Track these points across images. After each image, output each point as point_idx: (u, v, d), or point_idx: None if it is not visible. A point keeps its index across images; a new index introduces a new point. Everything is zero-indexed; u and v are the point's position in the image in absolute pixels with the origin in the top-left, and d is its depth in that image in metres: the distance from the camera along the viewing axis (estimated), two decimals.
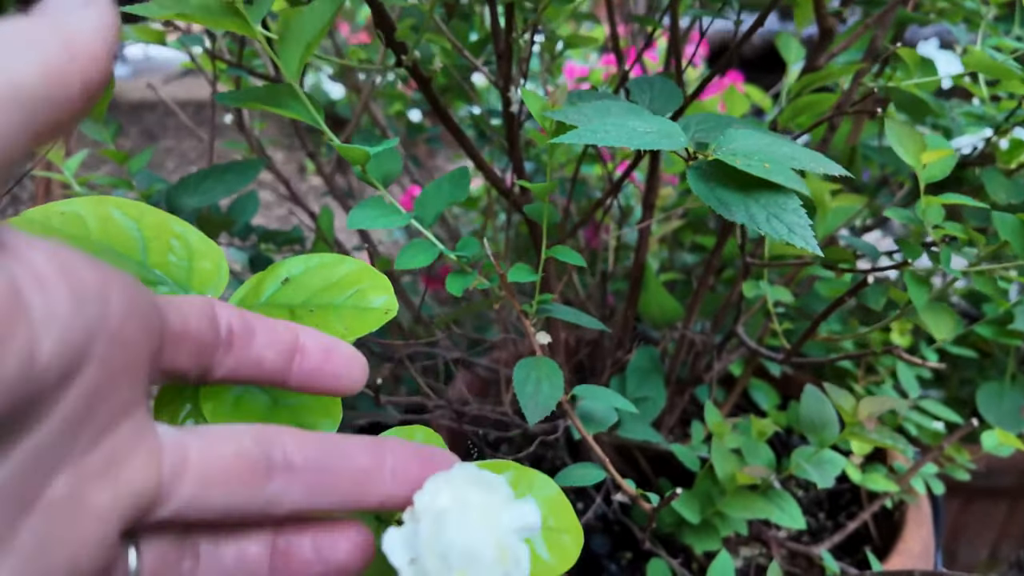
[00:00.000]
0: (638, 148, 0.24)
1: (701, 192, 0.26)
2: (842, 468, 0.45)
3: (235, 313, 0.22)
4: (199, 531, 0.20)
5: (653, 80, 0.34)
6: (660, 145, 0.24)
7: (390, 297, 0.29)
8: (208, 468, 0.19)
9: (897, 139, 0.33)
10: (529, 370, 0.34)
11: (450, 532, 0.20)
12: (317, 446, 0.21)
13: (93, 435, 0.17)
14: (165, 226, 0.31)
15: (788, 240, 0.24)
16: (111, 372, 0.17)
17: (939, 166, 0.34)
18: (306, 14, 0.31)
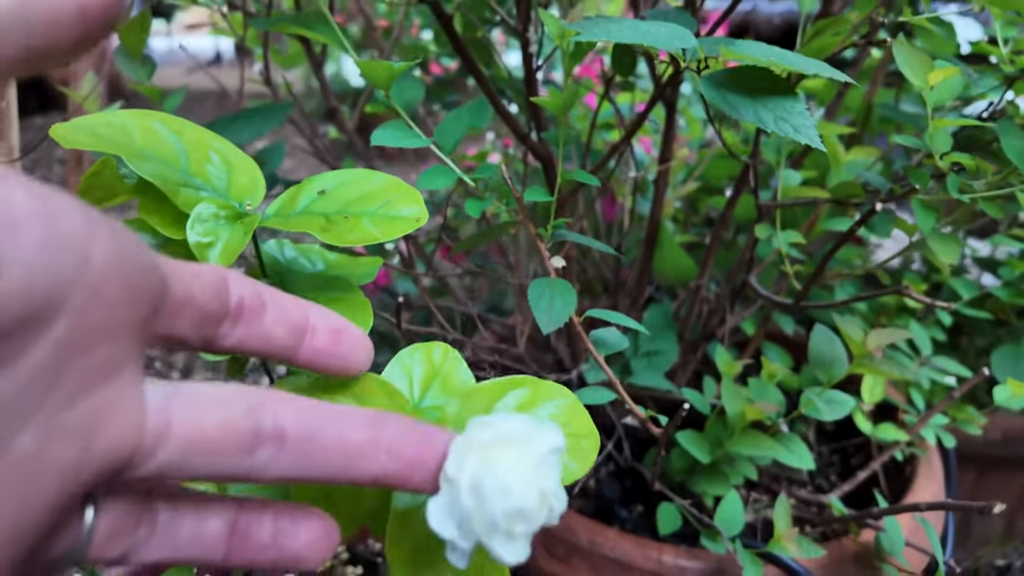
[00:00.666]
0: (651, 45, 0.25)
1: (713, 98, 0.27)
2: (850, 408, 0.46)
3: (248, 287, 0.22)
4: (159, 498, 0.20)
5: (668, 10, 0.36)
6: (672, 44, 0.26)
7: (420, 207, 0.31)
8: (192, 436, 0.19)
9: (905, 61, 0.34)
10: (543, 288, 0.35)
11: (491, 501, 0.20)
12: (311, 416, 0.20)
13: (68, 393, 0.16)
14: (205, 141, 0.33)
15: (794, 138, 0.26)
16: (89, 328, 0.16)
17: (947, 87, 0.35)
18: None
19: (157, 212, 0.30)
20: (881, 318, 0.68)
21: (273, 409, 0.20)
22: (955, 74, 0.35)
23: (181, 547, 0.20)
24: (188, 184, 0.31)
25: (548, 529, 0.55)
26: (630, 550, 0.51)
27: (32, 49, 0.16)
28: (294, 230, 0.31)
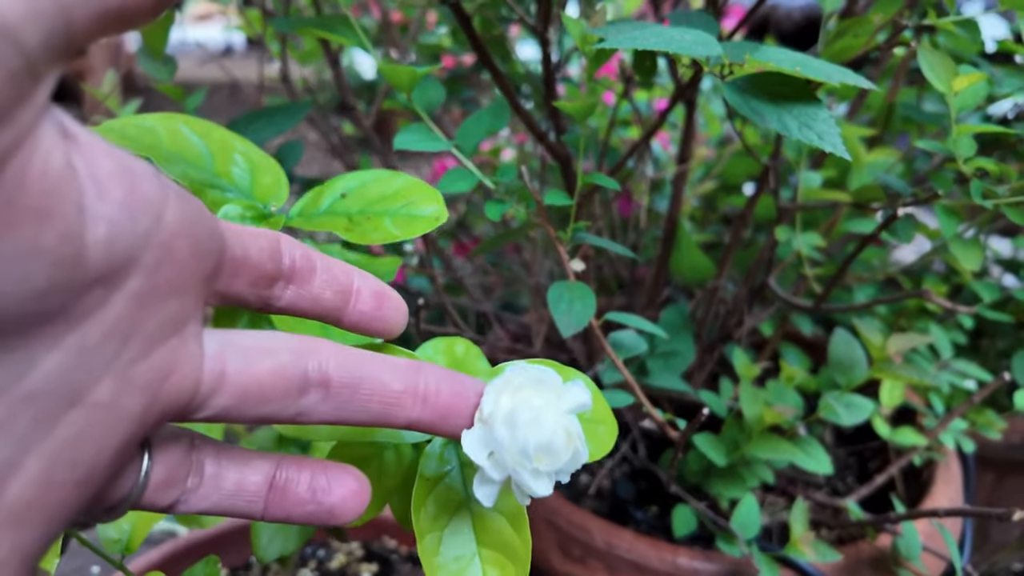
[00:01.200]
0: (675, 52, 0.25)
1: (737, 104, 0.27)
2: (869, 412, 0.46)
3: (300, 249, 0.23)
4: (206, 451, 0.21)
5: (691, 12, 0.35)
6: (696, 51, 0.26)
7: (440, 207, 0.31)
8: (245, 383, 0.20)
9: (929, 66, 0.33)
10: (563, 291, 0.35)
11: (523, 430, 0.21)
12: (355, 363, 0.22)
13: (141, 345, 0.17)
14: (229, 143, 0.33)
15: (819, 145, 0.25)
16: (160, 284, 0.17)
17: (971, 93, 0.34)
18: None
19: None
20: (901, 320, 0.68)
21: (319, 357, 0.21)
22: (979, 80, 0.34)
23: (225, 498, 0.21)
24: (214, 185, 0.31)
25: (564, 529, 0.54)
26: (646, 552, 0.51)
27: (109, 9, 0.16)
28: (318, 229, 0.31)
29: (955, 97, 0.34)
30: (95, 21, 0.16)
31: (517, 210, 0.37)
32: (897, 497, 0.61)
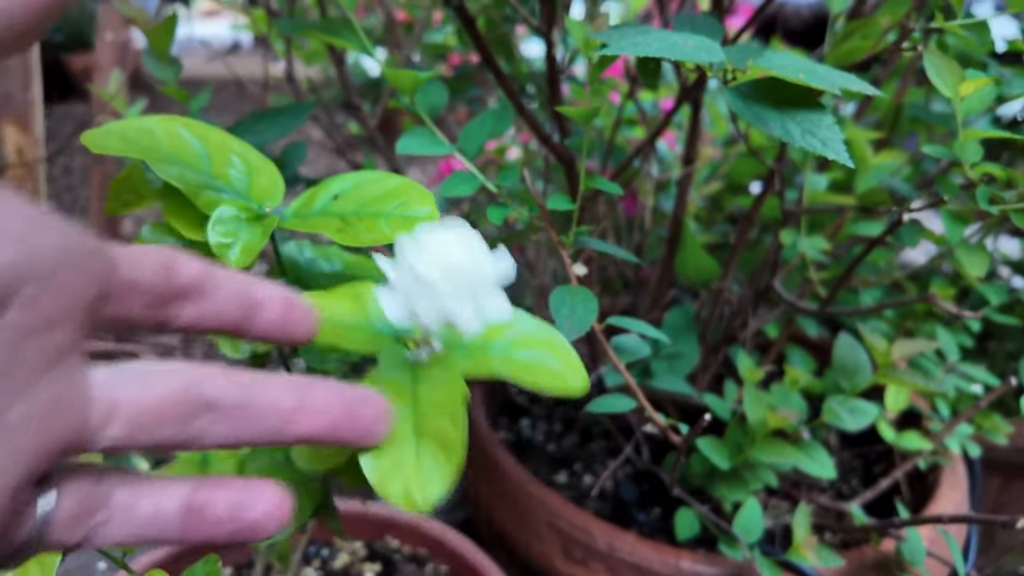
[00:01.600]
0: (678, 59, 0.25)
1: (740, 110, 0.27)
2: (873, 417, 0.45)
3: (196, 267, 0.22)
4: (115, 482, 0.21)
5: (695, 16, 0.35)
6: (699, 57, 0.25)
7: (433, 208, 0.31)
8: (137, 411, 0.20)
9: (935, 71, 0.33)
10: (565, 295, 0.35)
11: (446, 252, 0.21)
12: (246, 382, 0.22)
13: (21, 381, 0.17)
14: (227, 144, 0.33)
15: (822, 152, 0.25)
16: (40, 317, 0.17)
17: (978, 98, 0.34)
18: None
19: (181, 215, 0.31)
20: (907, 322, 0.67)
21: (210, 381, 0.21)
22: (986, 85, 0.34)
23: (140, 527, 0.21)
24: (210, 186, 0.31)
25: (566, 532, 0.54)
26: (648, 555, 0.51)
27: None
28: (311, 231, 0.31)
29: (961, 102, 0.34)
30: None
31: (520, 213, 0.37)
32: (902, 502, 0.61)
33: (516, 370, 0.24)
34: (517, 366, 0.24)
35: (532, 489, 0.56)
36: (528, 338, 0.26)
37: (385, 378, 0.24)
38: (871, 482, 0.69)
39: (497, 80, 0.43)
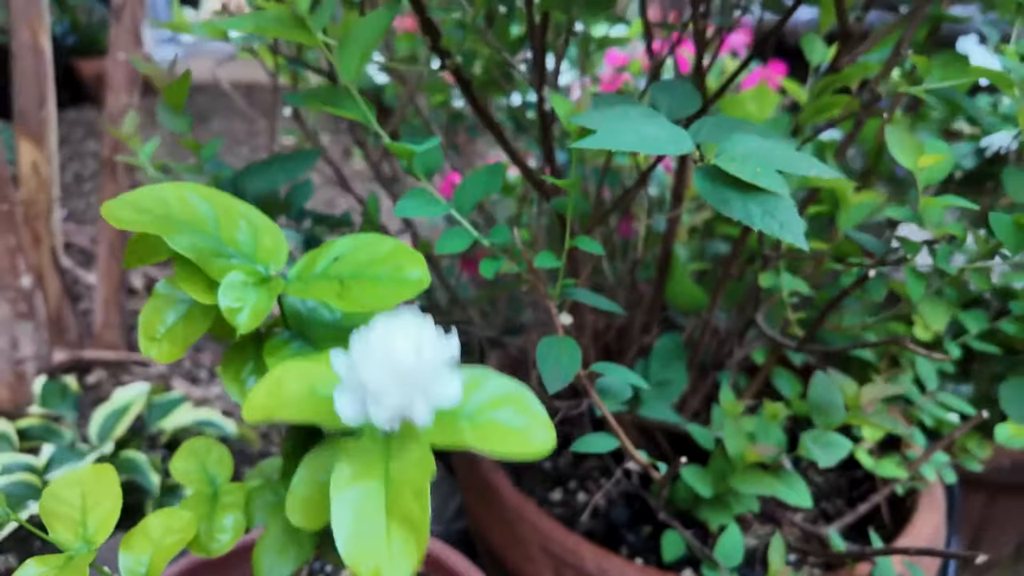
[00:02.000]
0: (650, 153, 0.27)
1: (705, 191, 0.29)
2: (848, 451, 0.48)
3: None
4: None
5: (674, 84, 0.37)
6: (668, 150, 0.28)
7: (423, 271, 0.33)
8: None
9: (896, 144, 0.35)
10: (550, 347, 0.38)
11: (392, 352, 0.23)
12: None
13: None
14: (233, 207, 0.36)
15: (779, 236, 0.27)
16: None
17: (936, 170, 0.36)
18: (364, 23, 0.35)
19: (192, 280, 0.33)
20: (892, 347, 0.69)
21: None
22: (943, 159, 0.36)
23: None
24: (220, 253, 0.33)
25: (558, 555, 0.57)
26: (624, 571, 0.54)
27: None
28: (314, 297, 0.33)
29: (921, 172, 0.36)
30: None
31: (510, 267, 0.40)
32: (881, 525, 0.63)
33: (483, 435, 0.26)
34: (484, 430, 0.26)
35: (526, 513, 0.59)
36: (495, 399, 0.28)
37: (360, 450, 0.26)
38: (856, 500, 0.71)
39: (494, 135, 0.46)
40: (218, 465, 0.43)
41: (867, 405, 0.43)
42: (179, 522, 0.37)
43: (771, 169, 0.27)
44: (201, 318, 0.35)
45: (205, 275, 0.33)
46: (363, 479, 0.24)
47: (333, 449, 0.30)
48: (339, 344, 0.33)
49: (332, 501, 0.24)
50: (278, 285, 0.33)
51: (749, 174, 0.27)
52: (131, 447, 0.97)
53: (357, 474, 0.24)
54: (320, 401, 0.27)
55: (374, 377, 0.23)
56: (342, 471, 0.24)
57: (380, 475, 0.25)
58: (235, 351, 0.38)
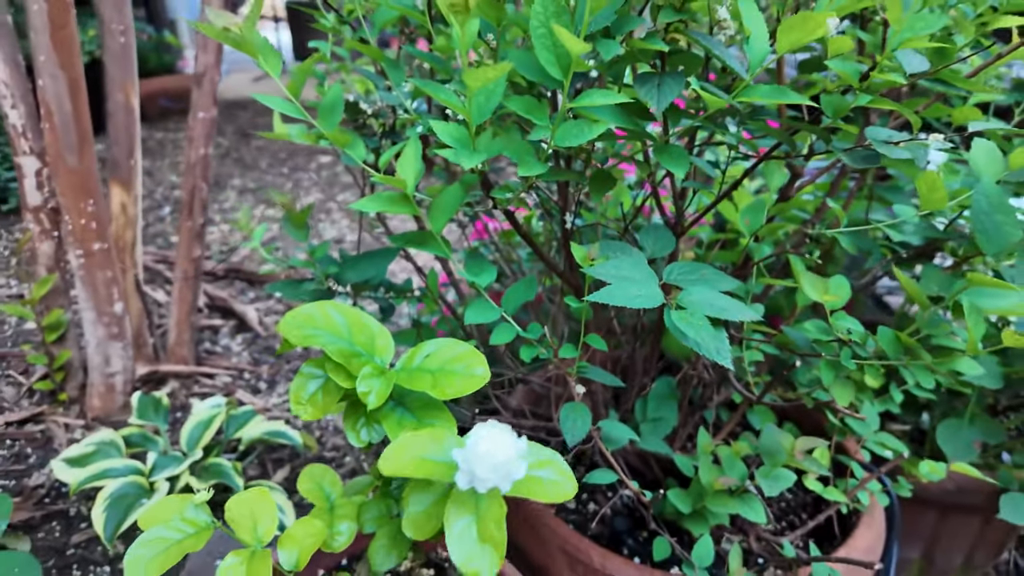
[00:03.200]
0: (635, 307, 0.43)
1: (670, 326, 0.46)
2: (792, 481, 0.64)
3: None
4: None
5: (656, 229, 0.54)
6: (646, 304, 0.44)
7: (486, 368, 0.50)
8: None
9: (808, 283, 0.51)
10: (569, 411, 0.55)
11: (491, 455, 0.39)
12: None
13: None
14: (357, 318, 0.53)
15: (715, 359, 0.44)
16: None
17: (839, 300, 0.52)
18: (447, 194, 0.52)
19: (338, 372, 0.50)
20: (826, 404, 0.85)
21: None
22: (841, 296, 0.52)
23: None
24: (354, 353, 0.51)
25: (572, 554, 0.74)
26: (631, 572, 0.70)
27: None
28: (415, 387, 0.50)
29: (828, 302, 0.52)
30: None
31: (541, 352, 0.57)
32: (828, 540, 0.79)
33: (532, 490, 0.43)
34: (533, 485, 0.43)
35: (548, 520, 0.76)
36: (539, 462, 0.45)
37: (463, 499, 0.43)
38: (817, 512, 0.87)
39: (529, 244, 0.62)
40: (331, 485, 0.60)
41: (798, 453, 0.59)
42: (314, 529, 0.55)
43: (712, 314, 0.43)
44: (335, 391, 0.53)
45: (344, 368, 0.50)
46: (464, 516, 0.42)
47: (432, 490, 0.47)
48: (430, 411, 0.51)
49: (447, 529, 0.41)
50: (392, 376, 0.50)
51: (699, 327, 0.43)
52: (213, 454, 1.15)
53: (461, 513, 0.42)
54: (426, 464, 0.45)
55: (481, 470, 0.40)
56: (454, 511, 0.42)
57: (474, 513, 0.42)
58: (351, 409, 0.55)
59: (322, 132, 0.51)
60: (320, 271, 0.66)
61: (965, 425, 0.88)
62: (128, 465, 1.07)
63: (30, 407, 1.45)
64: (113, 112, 1.37)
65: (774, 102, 0.39)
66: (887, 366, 0.63)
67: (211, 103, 1.38)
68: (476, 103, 0.40)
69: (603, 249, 0.52)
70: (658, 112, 0.43)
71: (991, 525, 1.04)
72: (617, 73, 0.48)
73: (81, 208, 1.25)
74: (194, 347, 1.59)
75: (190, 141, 1.39)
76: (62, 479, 1.08)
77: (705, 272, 0.50)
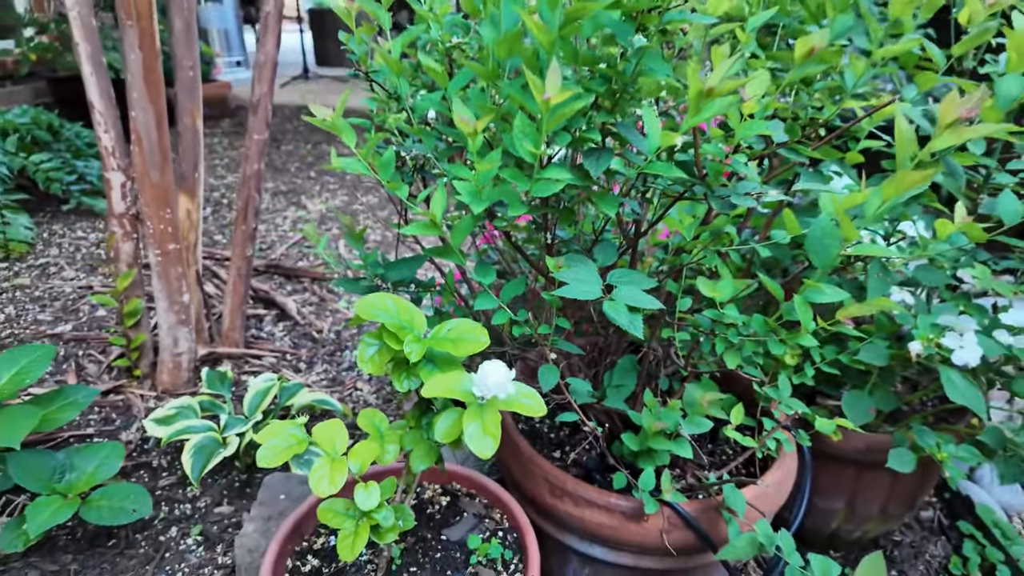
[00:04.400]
0: (584, 298, 0.68)
1: (607, 311, 0.71)
2: (708, 427, 0.89)
3: None
4: None
5: (606, 247, 0.78)
6: (590, 297, 0.69)
7: (487, 337, 0.75)
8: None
9: (702, 284, 0.75)
10: (544, 370, 0.80)
11: (493, 374, 0.66)
12: None
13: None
14: (401, 303, 0.79)
15: (628, 329, 0.69)
16: None
17: (724, 295, 0.77)
18: (463, 222, 0.77)
19: (391, 338, 0.76)
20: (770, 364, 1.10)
21: None
22: (724, 294, 0.77)
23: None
24: (400, 327, 0.76)
25: (552, 482, 1.02)
26: (594, 495, 0.96)
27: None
28: (441, 348, 0.76)
29: (716, 297, 0.76)
30: None
31: (526, 330, 0.82)
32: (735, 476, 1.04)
33: (517, 405, 0.69)
34: (518, 403, 0.69)
35: (536, 459, 1.01)
36: (522, 392, 0.71)
37: (473, 412, 0.69)
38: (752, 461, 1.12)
39: (523, 258, 0.88)
40: (381, 422, 0.86)
41: (705, 403, 0.83)
42: (371, 447, 0.81)
43: (631, 303, 0.68)
44: (387, 353, 0.78)
45: (395, 336, 0.76)
46: (474, 420, 0.67)
47: (453, 410, 0.73)
48: (450, 366, 0.76)
49: (465, 431, 0.67)
50: (426, 342, 0.76)
51: (621, 311, 0.67)
52: (270, 417, 1.42)
53: (471, 421, 0.67)
54: (452, 391, 0.70)
55: (484, 385, 0.66)
56: (468, 420, 0.68)
57: (480, 418, 0.67)
58: (397, 366, 0.81)
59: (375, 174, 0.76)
60: (370, 272, 0.91)
61: (865, 396, 1.12)
62: (204, 424, 1.34)
63: (110, 381, 1.73)
64: (182, 133, 1.64)
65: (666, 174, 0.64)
66: (792, 347, 0.88)
67: (264, 127, 1.64)
68: (483, 173, 0.65)
69: (568, 260, 0.77)
70: (595, 175, 0.67)
71: (900, 480, 1.29)
72: (574, 147, 0.73)
73: (161, 215, 1.51)
74: (243, 332, 1.86)
75: (246, 158, 1.65)
76: (153, 434, 1.35)
77: (634, 276, 0.74)
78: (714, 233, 0.87)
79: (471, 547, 0.94)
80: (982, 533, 1.46)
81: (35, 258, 2.41)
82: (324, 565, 0.92)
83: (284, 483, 1.22)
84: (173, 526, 1.27)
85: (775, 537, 0.84)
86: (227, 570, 1.19)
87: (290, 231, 2.71)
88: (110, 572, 1.15)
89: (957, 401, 0.97)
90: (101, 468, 1.13)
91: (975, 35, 0.80)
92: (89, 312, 2.07)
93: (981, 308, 1.11)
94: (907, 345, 1.02)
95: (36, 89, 3.74)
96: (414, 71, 0.83)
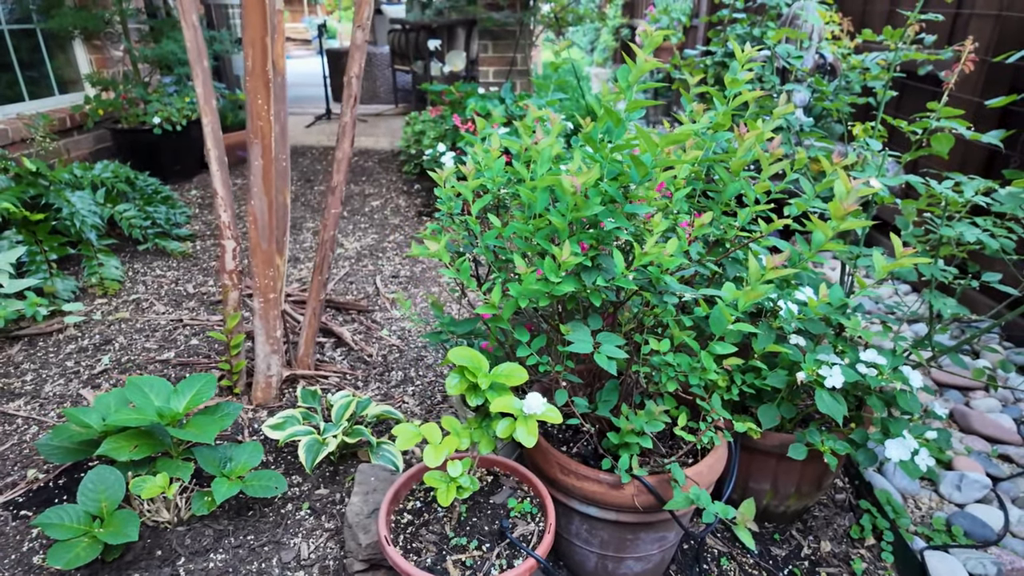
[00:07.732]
0: (581, 352, 1.18)
1: (596, 359, 1.21)
2: (662, 426, 1.40)
3: None
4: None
5: (595, 317, 1.29)
6: (586, 351, 1.19)
7: (525, 374, 1.27)
8: None
9: (674, 326, 1.26)
10: (559, 393, 1.32)
11: (533, 400, 1.18)
12: None
13: None
14: (475, 353, 1.30)
15: (607, 369, 1.20)
16: None
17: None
18: (507, 305, 1.30)
19: (468, 374, 1.27)
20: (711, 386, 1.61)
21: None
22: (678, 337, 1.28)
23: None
24: (474, 368, 1.27)
25: (562, 465, 1.58)
26: (590, 473, 1.46)
27: None
28: (497, 380, 1.26)
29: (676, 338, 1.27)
30: None
31: (543, 366, 1.34)
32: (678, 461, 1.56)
33: (545, 417, 1.20)
34: (545, 416, 1.20)
35: (550, 450, 1.52)
36: (549, 410, 1.22)
37: (520, 420, 1.21)
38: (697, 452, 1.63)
39: (547, 324, 1.39)
40: (455, 424, 1.37)
41: (658, 413, 1.34)
42: (453, 440, 1.32)
43: (609, 355, 1.18)
44: (464, 382, 1.29)
45: (472, 372, 1.27)
46: (522, 425, 1.19)
47: (508, 418, 1.24)
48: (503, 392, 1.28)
49: (516, 432, 1.18)
50: (490, 377, 1.27)
51: (603, 359, 1.17)
52: (352, 423, 1.92)
53: (521, 423, 1.19)
54: (508, 407, 1.22)
55: (528, 406, 1.17)
56: (519, 423, 1.19)
57: (525, 424, 1.18)
58: (470, 390, 1.32)
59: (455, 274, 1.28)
60: (445, 328, 1.40)
61: (774, 407, 1.64)
62: (306, 428, 1.85)
63: (215, 398, 2.23)
64: (276, 208, 2.15)
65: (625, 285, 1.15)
66: (709, 376, 1.39)
67: (339, 203, 2.15)
68: (527, 285, 1.16)
69: (572, 326, 1.28)
70: (590, 285, 1.19)
71: (806, 467, 1.80)
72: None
73: (266, 273, 2.03)
74: (313, 357, 2.37)
75: (324, 227, 2.17)
76: (271, 437, 1.85)
77: (611, 337, 1.25)
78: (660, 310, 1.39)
79: (510, 506, 1.45)
80: (876, 509, 1.98)
81: (127, 294, 2.92)
82: (415, 518, 1.42)
83: (370, 470, 1.72)
84: (288, 503, 1.78)
85: (702, 494, 1.35)
86: (332, 532, 1.69)
87: (333, 268, 3.20)
88: (254, 532, 1.66)
89: (824, 411, 1.48)
90: (250, 459, 1.63)
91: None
92: (184, 341, 2.57)
93: (855, 347, 1.63)
94: (795, 374, 1.54)
95: (98, 137, 4.25)
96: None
